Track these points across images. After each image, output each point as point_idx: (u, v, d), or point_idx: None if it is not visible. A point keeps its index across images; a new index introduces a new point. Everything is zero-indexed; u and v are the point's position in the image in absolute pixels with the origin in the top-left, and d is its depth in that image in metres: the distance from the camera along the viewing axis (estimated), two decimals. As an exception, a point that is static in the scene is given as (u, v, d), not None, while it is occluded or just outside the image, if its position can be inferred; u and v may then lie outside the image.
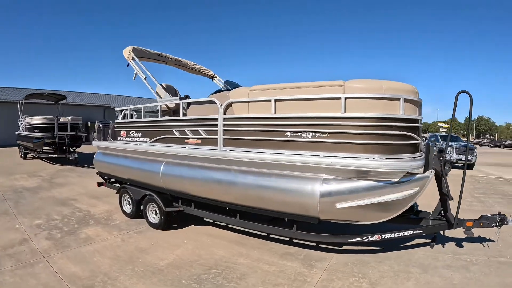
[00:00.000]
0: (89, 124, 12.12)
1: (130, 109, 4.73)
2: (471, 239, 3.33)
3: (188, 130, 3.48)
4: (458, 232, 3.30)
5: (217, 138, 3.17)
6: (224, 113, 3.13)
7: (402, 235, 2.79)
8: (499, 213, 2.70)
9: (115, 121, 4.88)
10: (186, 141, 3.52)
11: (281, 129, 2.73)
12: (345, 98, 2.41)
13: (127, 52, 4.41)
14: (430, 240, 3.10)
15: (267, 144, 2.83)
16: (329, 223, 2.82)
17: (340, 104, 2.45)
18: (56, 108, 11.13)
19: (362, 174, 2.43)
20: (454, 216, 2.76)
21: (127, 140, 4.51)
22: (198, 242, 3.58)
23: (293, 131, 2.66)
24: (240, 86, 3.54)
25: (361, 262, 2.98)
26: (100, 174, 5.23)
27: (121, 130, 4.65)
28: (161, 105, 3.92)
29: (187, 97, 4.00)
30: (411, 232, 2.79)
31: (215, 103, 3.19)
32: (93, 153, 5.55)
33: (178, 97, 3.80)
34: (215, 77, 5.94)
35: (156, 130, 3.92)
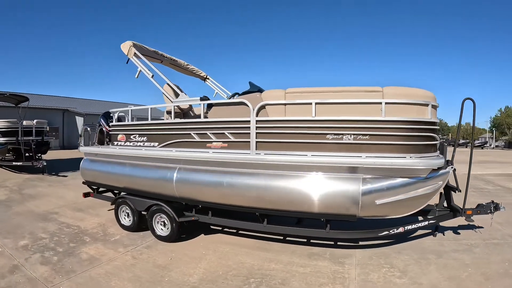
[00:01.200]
0: (47, 129, 10.64)
1: (118, 112, 4.36)
2: (463, 226, 3.94)
3: (211, 133, 3.34)
4: (451, 222, 3.83)
5: (249, 142, 3.13)
6: (257, 115, 3.11)
7: (420, 225, 3.17)
8: (492, 201, 3.28)
9: (111, 123, 4.36)
10: (208, 145, 3.36)
11: (322, 131, 2.85)
12: (386, 103, 2.67)
13: (126, 47, 4.02)
14: (432, 230, 3.57)
15: (306, 147, 2.92)
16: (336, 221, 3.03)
17: (380, 108, 2.70)
18: (17, 111, 9.62)
19: (398, 172, 2.71)
20: (461, 206, 3.25)
21: (127, 145, 4.08)
22: (219, 252, 3.45)
23: (335, 134, 2.81)
24: (262, 89, 3.56)
25: (383, 255, 3.27)
26: (88, 183, 4.64)
27: (118, 134, 4.18)
28: (174, 107, 3.67)
29: (206, 98, 3.83)
30: (426, 223, 3.19)
31: (246, 104, 3.15)
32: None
33: (198, 98, 3.61)
34: (208, 78, 5.83)
35: (168, 133, 3.65)
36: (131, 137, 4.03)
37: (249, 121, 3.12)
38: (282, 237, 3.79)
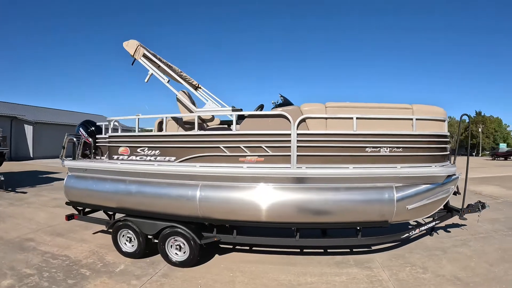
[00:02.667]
0: (1, 138, 8.55)
1: (116, 122, 3.81)
2: (450, 225, 4.64)
3: (245, 146, 3.21)
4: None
5: (289, 155, 3.13)
6: (297, 128, 3.14)
7: (430, 226, 3.71)
8: (479, 201, 3.99)
9: (110, 134, 3.70)
10: (241, 159, 3.22)
11: (362, 145, 3.08)
12: (416, 119, 3.07)
13: (133, 46, 3.50)
14: (428, 231, 4.14)
15: (346, 159, 3.10)
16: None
17: (411, 124, 3.09)
18: None
19: (423, 179, 3.15)
20: (461, 207, 3.82)
21: (132, 160, 3.54)
22: (246, 272, 3.37)
23: (373, 147, 3.07)
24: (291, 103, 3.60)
25: (399, 256, 3.69)
26: (74, 204, 3.98)
27: (120, 146, 3.58)
28: (198, 117, 3.36)
29: (238, 109, 3.61)
30: (433, 224, 3.74)
31: (286, 117, 3.14)
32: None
33: (229, 108, 3.38)
34: (199, 87, 5.62)
35: (190, 146, 3.33)
36: (138, 150, 3.52)
37: (289, 134, 3.12)
38: (298, 250, 3.88)
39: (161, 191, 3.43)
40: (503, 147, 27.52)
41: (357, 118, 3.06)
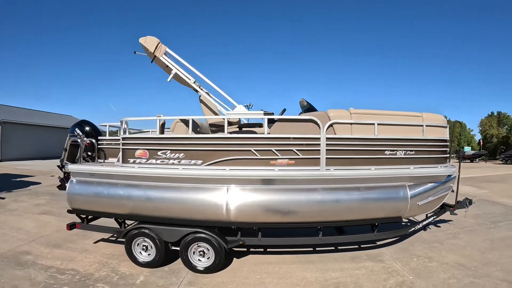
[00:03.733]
0: None
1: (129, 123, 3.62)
2: (437, 221, 5.13)
3: (277, 150, 3.32)
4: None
5: (319, 158, 3.33)
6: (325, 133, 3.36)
7: (429, 221, 4.20)
8: (467, 198, 4.50)
9: (124, 136, 3.45)
10: (273, 162, 3.32)
11: (382, 148, 3.43)
12: (426, 126, 3.54)
13: (153, 43, 3.38)
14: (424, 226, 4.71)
15: (368, 162, 3.43)
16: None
17: (420, 130, 3.55)
18: None
19: (430, 178, 3.64)
20: (454, 203, 4.33)
21: (151, 163, 3.36)
22: (272, 272, 3.49)
23: (391, 150, 3.45)
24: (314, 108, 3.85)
25: (402, 250, 4.11)
26: (79, 212, 3.71)
27: (137, 148, 3.36)
28: (227, 119, 3.36)
29: (270, 113, 3.67)
30: (432, 219, 4.25)
31: (316, 122, 3.35)
32: None
33: (260, 112, 3.44)
34: (201, 89, 5.64)
35: (219, 149, 3.31)
36: (159, 153, 3.36)
37: (319, 138, 3.33)
38: (311, 248, 4.10)
39: (185, 196, 3.33)
40: (467, 150, 27.96)
41: (378, 124, 3.42)
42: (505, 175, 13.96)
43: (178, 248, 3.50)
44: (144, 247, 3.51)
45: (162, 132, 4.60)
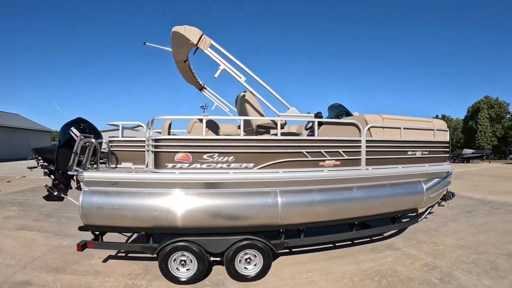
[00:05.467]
0: None
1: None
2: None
3: (325, 151, 3.48)
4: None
5: (360, 159, 3.64)
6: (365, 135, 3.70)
7: (429, 211, 4.96)
8: (450, 191, 5.18)
9: (159, 137, 3.03)
10: (321, 163, 3.47)
11: (406, 149, 3.98)
12: (436, 130, 4.26)
13: (196, 34, 3.13)
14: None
15: (395, 161, 3.92)
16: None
17: (432, 133, 4.26)
18: None
19: (436, 174, 4.39)
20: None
21: (196, 168, 3.06)
22: (314, 270, 3.69)
23: (412, 151, 4.04)
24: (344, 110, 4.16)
25: (409, 238, 4.78)
26: (95, 228, 3.28)
27: (178, 152, 3.01)
28: (280, 121, 3.33)
29: (320, 115, 3.72)
30: (429, 210, 5.00)
31: (357, 125, 3.66)
32: None
33: (311, 114, 3.49)
34: (205, 88, 5.57)
35: (272, 152, 3.27)
36: (205, 156, 3.09)
37: (360, 140, 3.64)
38: (332, 244, 4.42)
39: (237, 202, 3.18)
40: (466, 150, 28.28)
41: (404, 128, 3.96)
42: (458, 172, 17.19)
43: (218, 259, 3.35)
44: (181, 262, 3.23)
45: (168, 133, 4.22)
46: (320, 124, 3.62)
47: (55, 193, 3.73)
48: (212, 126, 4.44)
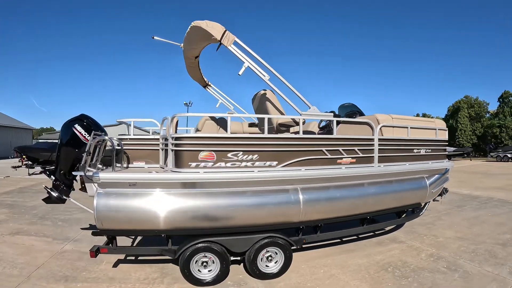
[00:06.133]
0: None
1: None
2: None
3: (343, 149, 3.68)
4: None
5: (373, 156, 3.89)
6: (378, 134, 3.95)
7: (427, 206, 5.37)
8: (443, 187, 5.68)
9: (181, 135, 3.07)
10: (339, 161, 3.68)
11: (412, 147, 4.27)
12: (439, 129, 4.61)
13: (219, 29, 3.17)
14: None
15: (403, 158, 4.21)
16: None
17: (434, 132, 4.60)
18: None
19: (436, 171, 4.75)
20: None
21: (220, 167, 3.14)
22: (330, 265, 3.88)
23: (417, 148, 4.35)
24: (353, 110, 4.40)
25: (410, 232, 5.13)
26: (111, 233, 3.23)
27: (202, 150, 3.07)
28: (302, 120, 3.49)
29: (337, 114, 3.88)
30: (426, 206, 5.40)
31: (370, 125, 3.89)
32: None
33: (330, 113, 3.66)
34: (209, 85, 5.62)
35: (294, 150, 3.41)
36: (229, 155, 3.17)
37: (373, 139, 3.88)
38: (339, 240, 4.66)
39: (261, 200, 3.28)
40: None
41: (411, 127, 4.26)
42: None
43: (238, 258, 3.42)
44: (203, 264, 3.25)
45: (175, 131, 4.26)
46: (337, 123, 3.82)
47: (56, 195, 3.60)
48: (224, 124, 4.52)
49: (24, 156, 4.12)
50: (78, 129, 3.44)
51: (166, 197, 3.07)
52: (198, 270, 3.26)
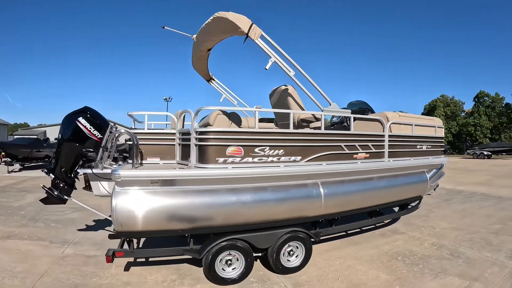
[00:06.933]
0: None
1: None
2: None
3: (358, 145, 3.95)
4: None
5: (383, 151, 4.20)
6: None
7: (421, 200, 5.88)
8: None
9: (207, 129, 3.12)
10: (355, 156, 3.94)
11: (416, 143, 4.67)
12: (438, 127, 5.05)
13: (246, 23, 3.26)
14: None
15: (408, 154, 4.57)
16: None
17: (434, 130, 5.04)
18: None
19: (435, 166, 5.21)
20: None
21: (248, 162, 3.24)
22: (344, 256, 4.12)
23: (419, 145, 4.75)
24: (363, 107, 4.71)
25: (408, 224, 5.52)
26: (131, 235, 3.12)
27: (230, 145, 3.15)
28: (323, 116, 3.69)
29: (356, 110, 4.11)
30: (420, 199, 5.96)
31: (381, 122, 4.20)
32: None
33: (348, 110, 3.89)
34: (213, 79, 5.69)
35: (316, 145, 3.61)
36: (256, 150, 3.29)
37: (384, 135, 4.20)
38: (344, 232, 4.89)
39: (286, 195, 3.44)
40: None
41: (415, 124, 4.64)
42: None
43: (260, 254, 3.51)
44: (228, 262, 3.29)
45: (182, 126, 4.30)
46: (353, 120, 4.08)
47: (55, 193, 3.47)
48: (235, 118, 4.61)
49: (3, 153, 3.93)
50: (83, 122, 3.32)
51: (191, 194, 3.07)
52: (222, 269, 3.27)
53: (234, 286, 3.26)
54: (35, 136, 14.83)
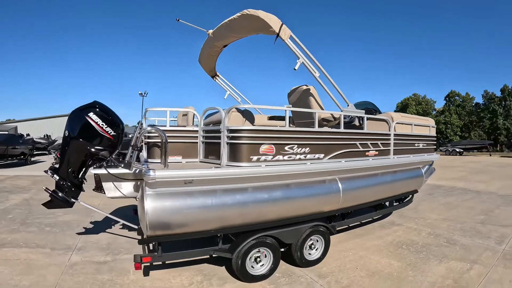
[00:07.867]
0: None
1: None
2: None
3: (370, 143, 4.39)
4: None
5: (389, 149, 4.69)
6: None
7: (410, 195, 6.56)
8: None
9: (239, 128, 3.29)
10: (367, 153, 4.37)
11: (416, 142, 5.25)
12: (431, 126, 5.70)
13: (277, 23, 3.49)
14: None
15: (408, 151, 5.15)
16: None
17: (428, 129, 5.68)
18: None
19: (428, 162, 5.87)
20: None
21: (278, 160, 3.47)
22: (354, 248, 4.43)
23: (417, 143, 5.34)
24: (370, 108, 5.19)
25: (401, 216, 6.07)
26: (163, 239, 3.09)
27: (263, 143, 3.35)
28: (343, 115, 4.04)
29: (369, 109, 4.49)
30: (414, 194, 6.65)
31: (387, 121, 4.68)
32: None
33: (362, 110, 4.28)
34: (218, 75, 5.84)
35: (336, 143, 3.94)
36: (286, 148, 3.54)
37: (390, 134, 4.69)
38: (347, 226, 5.26)
39: (311, 191, 3.73)
40: None
41: (415, 124, 5.22)
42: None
43: (282, 249, 3.65)
44: (256, 259, 3.43)
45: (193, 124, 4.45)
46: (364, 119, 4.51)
47: (60, 195, 3.37)
48: (248, 116, 4.81)
49: None
50: (94, 118, 3.17)
51: (224, 194, 3.17)
52: (252, 266, 3.37)
53: (262, 283, 3.38)
54: (6, 132, 13.62)
